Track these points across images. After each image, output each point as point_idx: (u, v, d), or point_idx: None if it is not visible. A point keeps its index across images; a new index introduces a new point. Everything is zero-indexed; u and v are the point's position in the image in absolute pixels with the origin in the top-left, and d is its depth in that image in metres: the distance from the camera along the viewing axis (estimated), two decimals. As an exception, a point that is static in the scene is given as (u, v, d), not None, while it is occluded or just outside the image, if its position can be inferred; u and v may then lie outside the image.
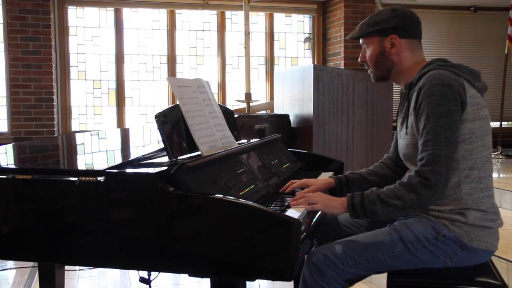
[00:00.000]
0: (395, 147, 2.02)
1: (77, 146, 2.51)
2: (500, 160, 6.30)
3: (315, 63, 6.90)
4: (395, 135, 2.01)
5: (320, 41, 7.12)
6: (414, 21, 1.82)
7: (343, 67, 6.48)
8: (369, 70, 1.90)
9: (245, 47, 4.77)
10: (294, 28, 7.18)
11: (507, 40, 6.65)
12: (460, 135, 1.64)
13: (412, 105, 1.71)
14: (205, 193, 1.41)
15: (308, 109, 3.63)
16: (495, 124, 6.67)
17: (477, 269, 1.71)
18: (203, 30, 6.83)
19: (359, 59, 1.91)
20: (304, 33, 7.19)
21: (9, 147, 2.37)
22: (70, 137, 3.86)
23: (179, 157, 1.64)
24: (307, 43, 7.16)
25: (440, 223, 1.69)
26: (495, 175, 5.02)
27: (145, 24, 6.64)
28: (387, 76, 1.86)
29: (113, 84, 6.55)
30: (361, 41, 1.88)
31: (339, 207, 1.71)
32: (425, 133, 1.62)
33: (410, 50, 1.80)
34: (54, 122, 6.01)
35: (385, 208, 1.63)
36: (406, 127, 1.77)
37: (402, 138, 1.82)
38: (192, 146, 1.74)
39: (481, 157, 1.67)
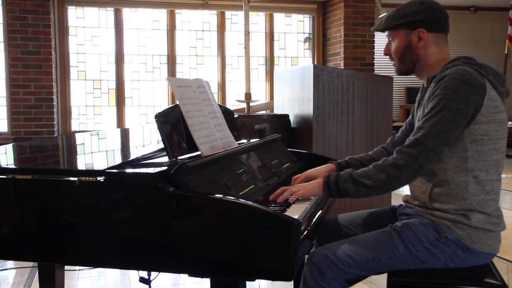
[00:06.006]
0: (403, 133, 2.01)
1: (77, 146, 2.51)
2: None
3: (315, 63, 6.90)
4: (406, 122, 2.00)
5: (320, 41, 7.12)
6: (442, 15, 1.80)
7: (343, 67, 6.48)
8: (393, 63, 1.87)
9: (245, 47, 4.77)
10: (294, 28, 7.18)
11: (507, 40, 6.66)
12: (471, 135, 1.64)
13: (428, 94, 1.71)
14: (205, 193, 1.41)
15: (308, 109, 3.63)
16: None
17: (477, 269, 1.71)
18: (203, 30, 6.83)
19: (383, 52, 1.89)
20: (304, 33, 7.19)
21: (9, 147, 2.37)
22: (70, 137, 3.86)
23: (179, 157, 1.64)
24: (307, 43, 7.16)
25: (442, 224, 1.69)
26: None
27: (145, 24, 6.64)
28: (411, 69, 1.84)
29: (113, 84, 6.55)
30: (386, 33, 1.85)
31: (318, 187, 1.75)
32: (423, 120, 1.64)
33: (437, 44, 1.79)
34: (54, 122, 6.01)
35: (357, 188, 1.67)
36: (419, 119, 1.77)
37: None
38: (192, 146, 1.74)
39: (491, 160, 1.67)
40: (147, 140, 2.76)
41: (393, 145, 2.04)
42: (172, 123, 1.72)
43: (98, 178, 1.48)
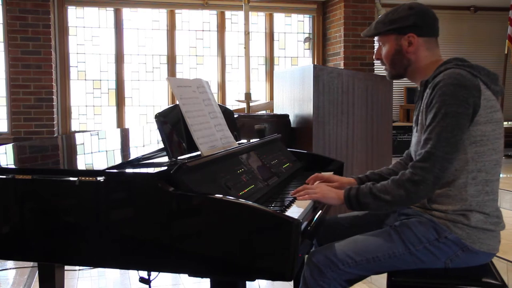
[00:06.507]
0: None
1: (77, 146, 2.51)
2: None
3: (315, 63, 6.90)
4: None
5: (320, 41, 7.12)
6: (431, 19, 1.79)
7: (343, 67, 6.48)
8: (384, 68, 1.87)
9: (245, 47, 4.77)
10: (294, 28, 7.18)
11: (507, 40, 6.65)
12: (470, 137, 1.64)
13: (424, 101, 1.70)
14: (205, 193, 1.41)
15: (308, 109, 3.63)
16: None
17: (477, 269, 1.71)
18: (203, 30, 6.83)
19: (374, 56, 1.89)
20: (304, 33, 7.19)
21: (9, 147, 2.37)
22: (70, 137, 3.86)
23: (179, 157, 1.64)
24: (307, 43, 7.16)
25: (442, 224, 1.69)
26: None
27: (145, 24, 6.64)
28: (403, 74, 1.84)
29: (113, 84, 6.55)
30: (376, 38, 1.85)
31: (336, 199, 1.76)
32: (428, 131, 1.63)
33: (427, 48, 1.78)
34: (54, 122, 6.01)
35: (376, 202, 1.67)
36: (417, 125, 1.77)
37: (414, 136, 1.83)
38: (192, 146, 1.74)
39: (490, 160, 1.67)
40: (147, 140, 2.76)
41: (408, 156, 2.04)
42: (172, 123, 1.72)
43: (98, 178, 1.49)
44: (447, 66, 1.69)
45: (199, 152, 1.73)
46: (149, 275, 2.49)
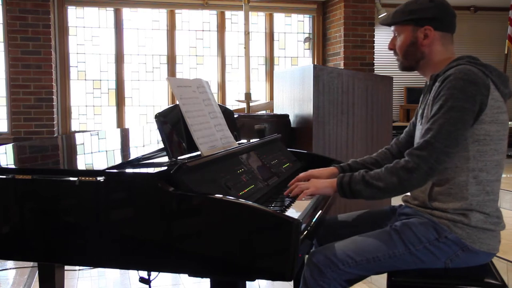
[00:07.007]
0: (407, 134, 2.01)
1: (77, 146, 2.51)
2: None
3: (315, 63, 6.90)
4: (410, 123, 2.00)
5: (320, 41, 7.12)
6: (450, 14, 1.79)
7: (343, 67, 6.48)
8: (397, 58, 1.86)
9: (245, 47, 4.77)
10: (294, 28, 7.18)
11: (507, 40, 6.66)
12: (473, 135, 1.64)
13: (432, 94, 1.70)
14: (205, 193, 1.41)
15: (308, 109, 3.63)
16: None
17: (477, 269, 1.71)
18: (203, 30, 6.83)
19: (388, 46, 1.88)
20: (304, 33, 7.19)
21: (9, 147, 2.37)
22: (70, 137, 3.86)
23: (179, 157, 1.64)
24: (307, 43, 7.15)
25: (442, 224, 1.69)
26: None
27: (145, 24, 6.64)
28: (415, 66, 1.83)
29: (113, 84, 6.55)
30: (392, 28, 1.84)
31: (330, 188, 1.76)
32: (431, 122, 1.63)
33: (442, 43, 1.78)
34: (54, 122, 6.01)
35: (369, 189, 1.67)
36: (422, 118, 1.77)
37: (418, 129, 1.82)
38: (192, 146, 1.74)
39: (492, 160, 1.67)
40: (147, 140, 2.76)
41: (397, 146, 2.04)
42: (172, 123, 1.72)
43: (98, 178, 1.48)
44: (460, 62, 1.69)
45: (199, 152, 1.73)
46: (149, 275, 2.49)
